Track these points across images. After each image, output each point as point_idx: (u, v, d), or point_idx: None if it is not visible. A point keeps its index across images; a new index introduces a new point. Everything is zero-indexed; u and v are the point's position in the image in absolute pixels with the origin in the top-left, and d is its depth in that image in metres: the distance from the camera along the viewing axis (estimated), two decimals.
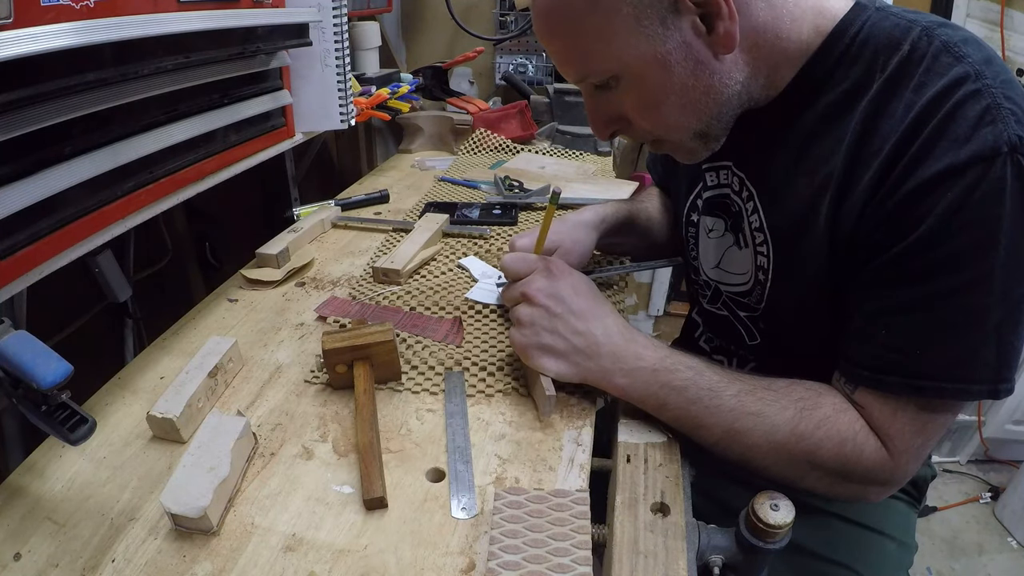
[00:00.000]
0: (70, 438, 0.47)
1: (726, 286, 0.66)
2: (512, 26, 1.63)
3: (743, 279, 0.63)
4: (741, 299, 0.65)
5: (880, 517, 0.70)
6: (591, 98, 0.57)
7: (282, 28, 0.82)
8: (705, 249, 0.68)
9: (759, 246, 0.60)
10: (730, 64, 0.51)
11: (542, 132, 1.44)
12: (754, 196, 0.59)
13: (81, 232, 0.58)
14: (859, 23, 0.50)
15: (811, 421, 0.50)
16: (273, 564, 0.45)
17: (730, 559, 0.48)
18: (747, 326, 0.65)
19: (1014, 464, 1.72)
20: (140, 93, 0.62)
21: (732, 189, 0.63)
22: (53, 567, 0.45)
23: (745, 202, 0.61)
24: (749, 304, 0.64)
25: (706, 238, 0.68)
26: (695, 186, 0.69)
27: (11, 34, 0.45)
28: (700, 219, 0.69)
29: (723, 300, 0.68)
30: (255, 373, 0.66)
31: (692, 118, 0.53)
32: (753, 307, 0.63)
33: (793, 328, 0.61)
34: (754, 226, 0.60)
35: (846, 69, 0.50)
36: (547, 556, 0.44)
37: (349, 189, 1.20)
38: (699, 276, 0.70)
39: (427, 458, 0.55)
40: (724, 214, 0.65)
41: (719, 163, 0.64)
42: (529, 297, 0.57)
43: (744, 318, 0.65)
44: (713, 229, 0.67)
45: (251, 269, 0.84)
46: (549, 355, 0.56)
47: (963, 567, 1.50)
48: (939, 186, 0.43)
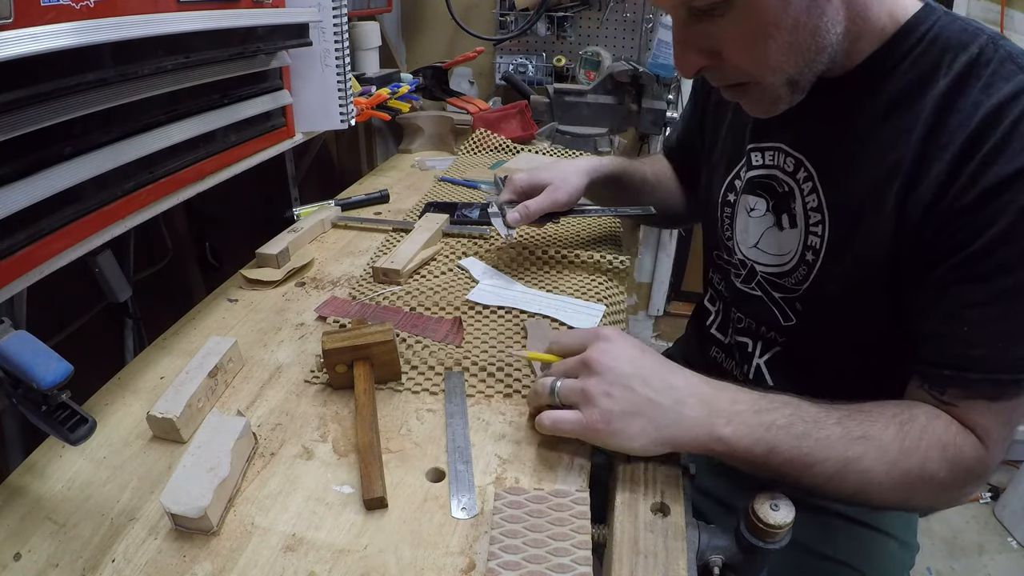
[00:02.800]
0: (70, 438, 0.47)
1: (762, 266, 0.66)
2: (512, 26, 1.63)
3: (782, 259, 0.64)
4: (777, 279, 0.65)
5: (882, 517, 0.70)
6: (685, 28, 0.54)
7: (282, 28, 0.83)
8: (743, 228, 0.68)
9: (813, 226, 0.60)
10: (833, 12, 0.51)
11: (542, 132, 1.45)
12: (813, 176, 0.59)
13: (81, 232, 0.58)
14: (930, 21, 0.52)
15: (913, 433, 0.49)
16: (273, 564, 0.45)
17: (730, 559, 0.48)
18: (781, 307, 0.65)
19: (1014, 464, 1.72)
20: (140, 93, 0.62)
21: (783, 170, 0.63)
22: (53, 567, 0.45)
23: (801, 183, 0.60)
24: (786, 285, 0.64)
25: (746, 216, 0.68)
26: (734, 165, 0.69)
27: (11, 34, 0.45)
28: (740, 198, 0.68)
29: (758, 280, 0.67)
30: (255, 373, 0.66)
31: (792, 59, 0.52)
32: (791, 288, 0.63)
33: (835, 309, 0.60)
34: (810, 206, 0.60)
35: (914, 61, 0.52)
36: (547, 556, 0.44)
37: (349, 189, 1.20)
38: (733, 255, 0.70)
39: (427, 458, 0.55)
40: (767, 194, 0.65)
41: (768, 144, 0.64)
42: (591, 364, 0.50)
43: (779, 299, 0.65)
44: (755, 208, 0.66)
45: (251, 269, 0.84)
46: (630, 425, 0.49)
47: (963, 567, 1.50)
48: (1014, 184, 0.46)
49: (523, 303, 0.76)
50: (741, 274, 0.69)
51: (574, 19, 1.62)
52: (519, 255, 0.87)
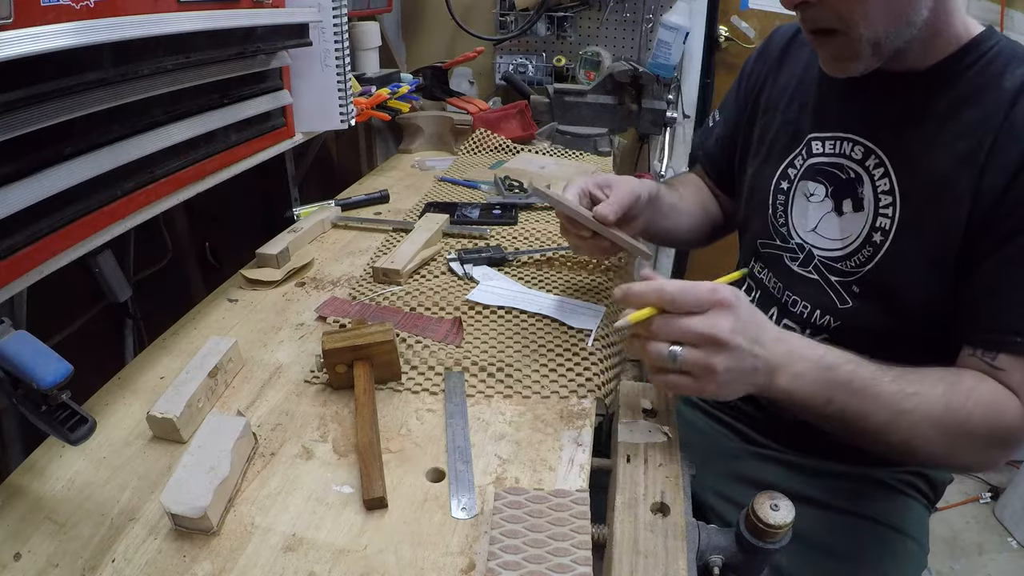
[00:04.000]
0: (70, 438, 0.47)
1: (820, 250, 0.69)
2: (512, 26, 1.63)
3: (840, 243, 0.67)
4: (834, 263, 0.68)
5: (903, 517, 0.71)
6: None
7: (282, 28, 0.83)
8: (801, 213, 0.71)
9: (883, 208, 0.64)
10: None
11: (542, 132, 1.45)
12: (885, 162, 0.64)
13: (81, 232, 0.58)
14: (996, 39, 0.60)
15: (960, 393, 0.54)
16: (273, 564, 0.45)
17: (730, 559, 0.48)
18: (838, 290, 0.68)
19: (1014, 464, 1.72)
20: (140, 93, 0.62)
21: (850, 157, 0.67)
22: (53, 567, 0.45)
23: (872, 168, 0.65)
24: (844, 268, 0.67)
25: (805, 201, 0.71)
26: (789, 153, 0.73)
27: (11, 34, 0.45)
28: (797, 184, 0.72)
29: (815, 263, 0.70)
30: (255, 373, 0.66)
31: (885, 18, 0.56)
32: (848, 272, 0.67)
33: (897, 290, 0.64)
34: (881, 189, 0.64)
35: (982, 68, 0.59)
36: (547, 556, 0.44)
37: (349, 189, 1.20)
38: (789, 240, 0.72)
39: (427, 458, 0.55)
40: (827, 181, 0.69)
41: (832, 133, 0.69)
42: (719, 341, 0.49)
43: (835, 282, 0.68)
44: (814, 194, 0.70)
45: (251, 269, 0.84)
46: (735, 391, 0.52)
47: (963, 567, 1.50)
48: None
49: (523, 303, 0.76)
50: (798, 257, 0.72)
51: (574, 19, 1.62)
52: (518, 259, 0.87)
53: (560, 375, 0.65)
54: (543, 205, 1.06)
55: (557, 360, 0.67)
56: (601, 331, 0.72)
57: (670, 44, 1.47)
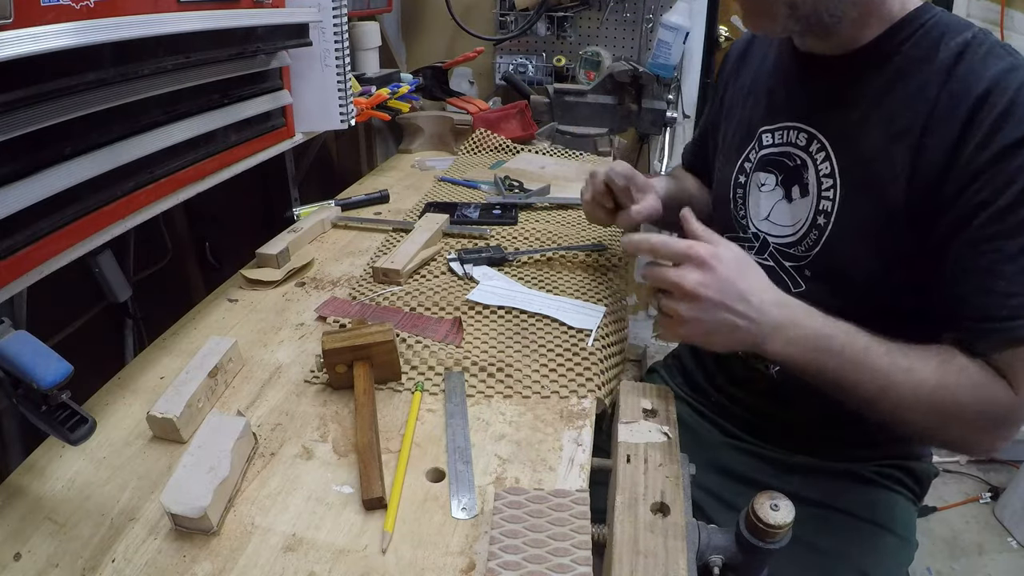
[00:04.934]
0: (70, 438, 0.47)
1: (773, 237, 0.71)
2: (512, 26, 1.63)
3: (791, 230, 0.69)
4: (787, 249, 0.70)
5: (881, 511, 0.71)
6: None
7: (282, 28, 0.82)
8: (755, 203, 0.74)
9: (825, 191, 0.65)
10: None
11: (542, 132, 1.44)
12: (826, 145, 0.65)
13: (81, 232, 0.58)
14: (931, 12, 0.60)
15: (951, 371, 0.55)
16: (273, 564, 0.45)
17: (730, 559, 0.48)
18: (792, 275, 0.70)
19: (1014, 464, 1.72)
20: (140, 93, 0.62)
21: (795, 145, 0.68)
22: (53, 567, 0.45)
23: (815, 153, 0.66)
24: (796, 254, 0.69)
25: (757, 192, 0.73)
26: (745, 147, 0.75)
27: (11, 34, 0.45)
28: (751, 176, 0.74)
29: (770, 251, 0.72)
30: (255, 373, 0.66)
31: None
32: (800, 256, 0.68)
33: (845, 271, 0.65)
34: (823, 172, 0.65)
35: (917, 41, 0.59)
36: (547, 556, 0.44)
37: (349, 189, 1.20)
38: (747, 231, 0.74)
39: (427, 458, 0.55)
40: (777, 170, 0.70)
41: (779, 124, 0.70)
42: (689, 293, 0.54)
43: (789, 267, 0.70)
44: (765, 184, 0.72)
45: (251, 269, 0.84)
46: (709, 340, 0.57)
47: (963, 567, 1.50)
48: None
49: (523, 303, 0.76)
50: (755, 246, 0.73)
51: (574, 19, 1.62)
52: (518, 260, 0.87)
53: (560, 375, 0.65)
54: (543, 205, 1.06)
55: (557, 360, 0.67)
56: (601, 331, 0.72)
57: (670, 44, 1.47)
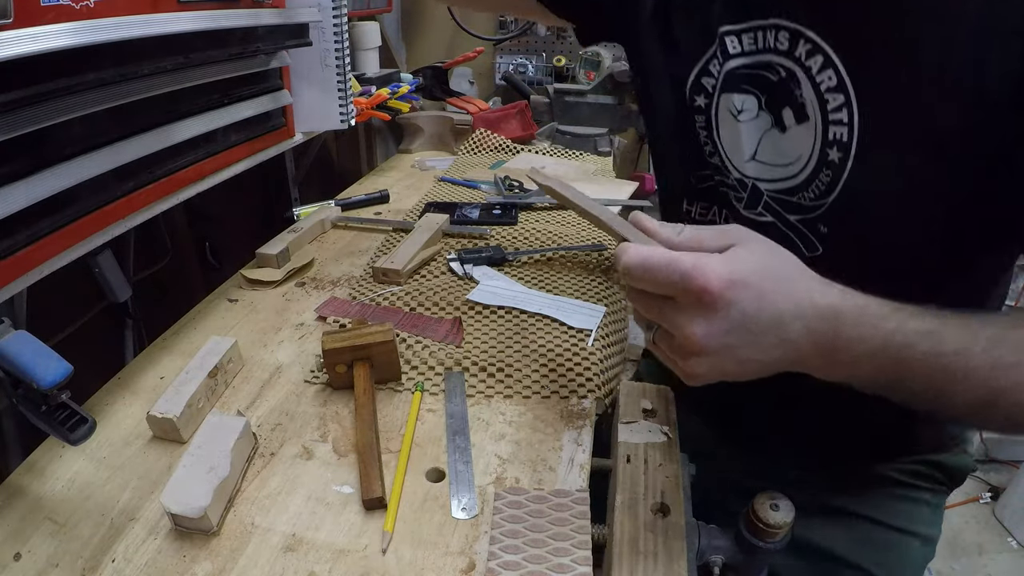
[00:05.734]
0: (70, 438, 0.47)
1: (768, 183, 0.53)
2: (512, 26, 1.63)
3: (791, 171, 0.51)
4: (790, 198, 0.52)
5: (908, 516, 0.65)
6: None
7: (282, 28, 0.82)
8: (732, 138, 0.55)
9: (835, 112, 0.47)
10: None
11: (542, 132, 1.45)
12: (823, 48, 0.47)
13: (81, 232, 0.58)
14: None
15: None
16: (273, 564, 0.45)
17: (730, 559, 0.48)
18: (802, 233, 0.52)
19: (1014, 464, 1.72)
20: (140, 93, 0.62)
21: (775, 50, 0.50)
22: (53, 567, 0.45)
23: (805, 59, 0.48)
24: (803, 203, 0.51)
25: (733, 123, 0.54)
26: (700, 56, 0.56)
27: (11, 34, 0.45)
28: (718, 99, 0.55)
29: (764, 202, 0.54)
30: (255, 373, 0.66)
31: None
32: (809, 206, 0.51)
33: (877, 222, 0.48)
34: (826, 86, 0.47)
35: None
36: (547, 556, 0.44)
37: (349, 189, 1.20)
38: (728, 175, 0.56)
39: (427, 458, 0.55)
40: (757, 88, 0.52)
41: (749, 22, 0.52)
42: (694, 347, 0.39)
43: (796, 223, 0.52)
44: (743, 110, 0.53)
45: (251, 269, 0.84)
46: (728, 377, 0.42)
47: (963, 567, 1.50)
48: None
49: (523, 303, 0.76)
50: (743, 197, 0.55)
51: None
52: (518, 261, 0.87)
53: (560, 375, 0.65)
54: (543, 205, 1.06)
55: (557, 360, 0.67)
56: (601, 331, 0.72)
57: None
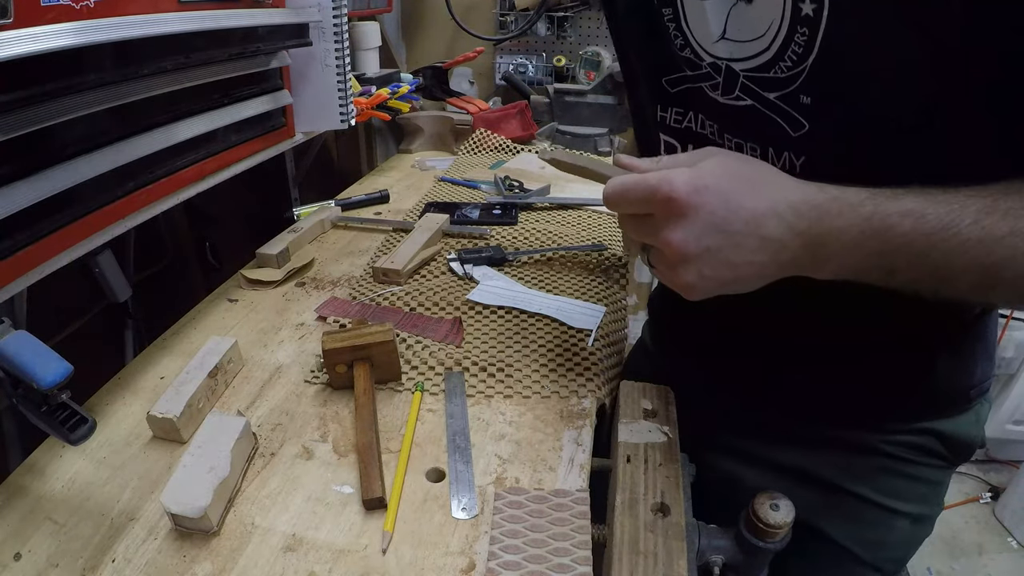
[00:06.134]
0: (70, 438, 0.47)
1: (742, 62, 0.49)
2: (512, 26, 1.63)
3: (764, 42, 0.46)
4: (765, 74, 0.48)
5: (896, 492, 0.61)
6: None
7: (282, 28, 0.82)
8: (699, 20, 0.50)
9: None
10: None
11: (542, 132, 1.45)
12: None
13: (81, 232, 0.58)
14: None
15: None
16: (273, 564, 0.45)
17: (730, 559, 0.49)
18: (783, 111, 0.48)
19: (1014, 464, 1.72)
20: (140, 93, 0.62)
21: None
22: (53, 567, 0.45)
23: None
24: (779, 76, 0.47)
25: (698, 3, 0.49)
26: None
27: (11, 34, 0.45)
28: None
29: (741, 84, 0.49)
30: (255, 373, 0.66)
31: None
32: (787, 78, 0.46)
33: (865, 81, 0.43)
34: None
35: None
36: (547, 556, 0.44)
37: (349, 189, 1.20)
38: (701, 63, 0.51)
39: (427, 458, 0.55)
40: None
41: None
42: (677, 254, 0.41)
43: (775, 100, 0.48)
44: None
45: (251, 269, 0.84)
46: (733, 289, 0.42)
47: (963, 567, 1.50)
48: None
49: (523, 303, 0.76)
50: (718, 82, 0.51)
51: (574, 19, 1.62)
52: (518, 261, 0.87)
53: (560, 375, 0.65)
54: (543, 205, 1.06)
55: (557, 360, 0.67)
56: (601, 331, 0.72)
57: None
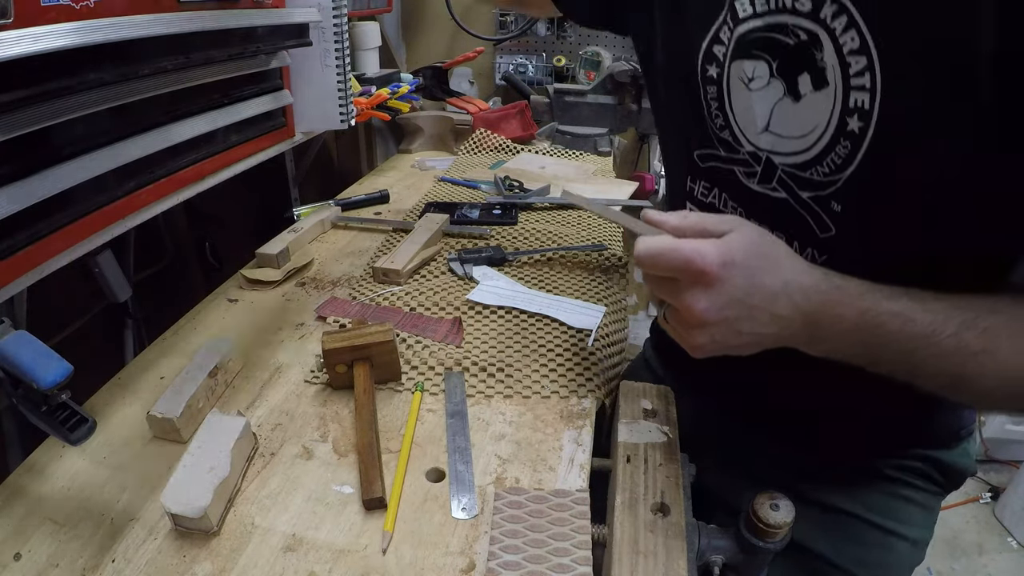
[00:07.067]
0: (70, 438, 0.47)
1: (782, 156, 0.51)
2: (512, 26, 1.63)
3: (806, 142, 0.49)
4: (802, 173, 0.50)
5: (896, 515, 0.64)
6: None
7: (282, 28, 0.82)
8: (744, 108, 0.52)
9: (856, 78, 0.44)
10: None
11: (542, 132, 1.45)
12: (847, 8, 0.44)
13: (81, 232, 0.58)
14: None
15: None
16: (273, 564, 0.45)
17: (730, 559, 0.49)
18: (814, 211, 0.50)
19: (1014, 464, 1.73)
20: (140, 93, 0.62)
21: (795, 11, 0.48)
22: (53, 567, 0.45)
23: (829, 20, 0.45)
24: (814, 178, 0.49)
25: (744, 91, 0.52)
26: (710, 24, 0.53)
27: (11, 34, 0.45)
28: (729, 67, 0.53)
29: (779, 177, 0.52)
30: (255, 373, 0.66)
31: None
32: (823, 181, 0.49)
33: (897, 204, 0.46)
34: (849, 48, 0.44)
35: None
36: (547, 556, 0.44)
37: (349, 189, 1.20)
38: (739, 149, 0.54)
39: (427, 458, 0.55)
40: (769, 54, 0.50)
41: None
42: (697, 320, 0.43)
43: (808, 200, 0.50)
44: (755, 78, 0.51)
45: (251, 269, 0.84)
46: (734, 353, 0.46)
47: (963, 567, 1.50)
48: None
49: (523, 303, 0.76)
50: (755, 171, 0.53)
51: None
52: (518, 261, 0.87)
53: (560, 375, 0.65)
54: (543, 205, 1.06)
55: (557, 360, 0.67)
56: (601, 331, 0.72)
57: None
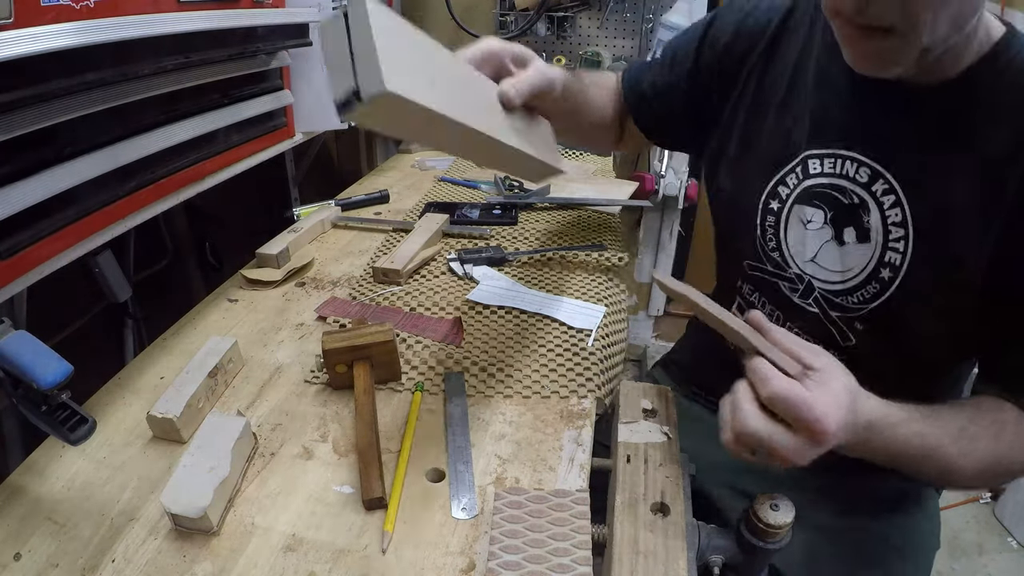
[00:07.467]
0: (70, 438, 0.47)
1: (820, 282, 0.63)
2: (512, 26, 1.63)
3: (842, 276, 0.61)
4: (835, 298, 0.62)
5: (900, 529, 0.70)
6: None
7: (282, 28, 0.83)
8: (799, 240, 0.64)
9: (894, 242, 0.57)
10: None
11: None
12: (896, 189, 0.56)
13: (81, 232, 0.59)
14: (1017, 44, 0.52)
15: (1005, 441, 0.54)
16: (273, 564, 0.45)
17: (730, 559, 0.48)
18: (839, 326, 0.63)
19: None
20: (140, 93, 0.62)
21: (853, 180, 0.59)
22: (53, 567, 0.45)
23: (880, 195, 0.57)
24: (846, 304, 0.61)
25: (802, 229, 0.63)
26: (780, 169, 0.64)
27: (11, 34, 0.45)
28: (791, 207, 0.63)
29: (815, 296, 0.63)
30: (255, 373, 0.66)
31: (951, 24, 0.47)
32: (852, 308, 0.61)
33: (908, 329, 0.59)
34: (892, 220, 0.57)
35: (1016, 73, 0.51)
36: (547, 556, 0.44)
37: (349, 189, 1.20)
38: (786, 269, 0.65)
39: (427, 458, 0.55)
40: (826, 205, 0.61)
41: (832, 150, 0.60)
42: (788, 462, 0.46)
43: (836, 318, 0.62)
44: (812, 220, 0.62)
45: (251, 269, 0.84)
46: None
47: (963, 567, 1.50)
48: None
49: (523, 303, 0.76)
50: (798, 288, 0.65)
51: (574, 19, 1.62)
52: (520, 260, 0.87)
53: (560, 375, 0.65)
54: (543, 205, 1.06)
55: (557, 360, 0.67)
56: (601, 331, 0.72)
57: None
